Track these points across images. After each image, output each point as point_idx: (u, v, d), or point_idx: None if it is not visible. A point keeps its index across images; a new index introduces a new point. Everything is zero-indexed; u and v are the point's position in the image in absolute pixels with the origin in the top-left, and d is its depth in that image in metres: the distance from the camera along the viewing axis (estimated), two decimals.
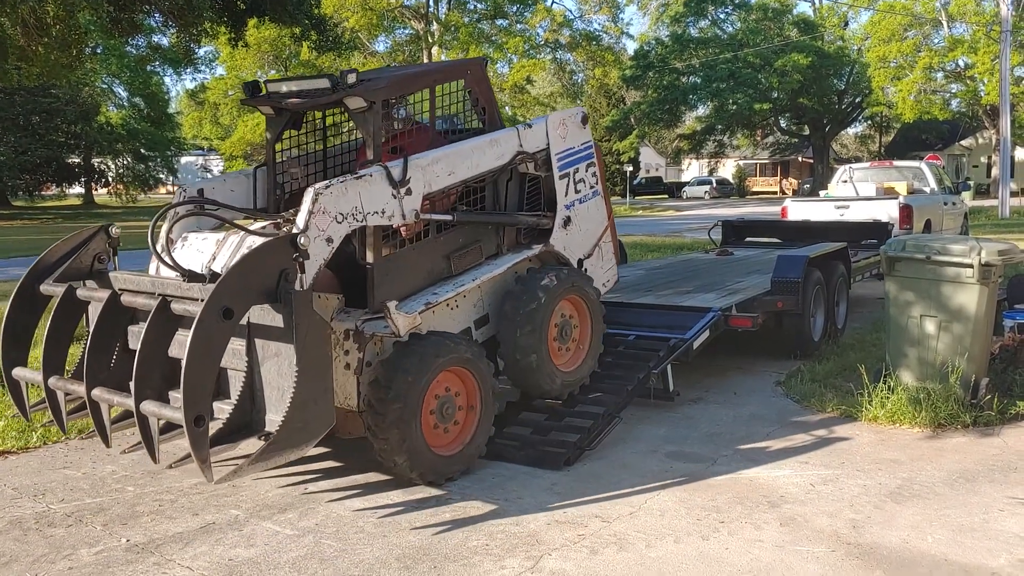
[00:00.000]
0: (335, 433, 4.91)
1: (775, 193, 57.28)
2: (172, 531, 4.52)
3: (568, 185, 6.13)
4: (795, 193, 50.94)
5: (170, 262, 4.66)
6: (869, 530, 4.39)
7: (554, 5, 44.57)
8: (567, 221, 6.11)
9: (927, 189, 16.43)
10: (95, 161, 54.78)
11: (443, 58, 42.46)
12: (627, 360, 6.46)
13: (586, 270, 6.27)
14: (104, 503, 4.94)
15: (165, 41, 36.59)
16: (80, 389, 4.66)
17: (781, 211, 15.55)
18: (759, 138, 65.11)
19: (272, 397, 4.32)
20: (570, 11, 47.04)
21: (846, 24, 55.57)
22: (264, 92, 5.63)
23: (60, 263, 5.06)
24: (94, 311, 4.89)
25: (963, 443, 5.73)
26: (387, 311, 4.77)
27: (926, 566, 3.98)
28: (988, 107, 44.97)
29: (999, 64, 33.63)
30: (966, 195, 18.99)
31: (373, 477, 5.26)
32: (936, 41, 46.54)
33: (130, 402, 4.26)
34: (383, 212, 4.89)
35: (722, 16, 55.18)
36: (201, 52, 46.80)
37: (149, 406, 4.21)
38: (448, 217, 5.39)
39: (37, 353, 5.05)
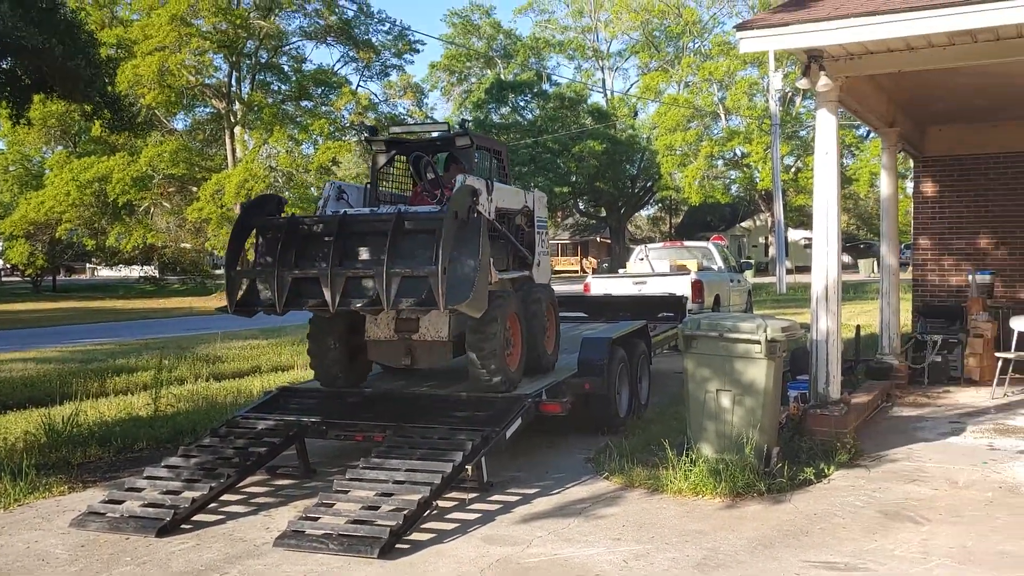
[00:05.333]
0: (416, 362, 7.68)
1: (576, 272, 59.47)
2: None
3: (538, 239, 8.70)
4: (594, 272, 53.15)
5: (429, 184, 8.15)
6: None
7: (359, 89, 45.00)
8: (538, 263, 8.67)
9: (715, 267, 17.61)
10: None
11: (246, 138, 41.63)
12: (440, 450, 6.39)
13: None
14: None
15: None
16: (314, 272, 6.67)
17: (584, 287, 16.17)
18: (559, 219, 67.74)
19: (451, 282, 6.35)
20: (375, 95, 47.40)
21: (636, 114, 59.44)
22: (382, 135, 8.46)
23: (256, 213, 7.27)
24: (318, 232, 6.99)
25: (759, 510, 6.05)
26: None
27: None
28: (763, 192, 49.03)
29: (771, 153, 36.84)
30: (748, 273, 20.51)
31: None
32: (716, 132, 50.57)
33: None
34: (483, 205, 7.21)
35: (522, 103, 57.68)
36: None
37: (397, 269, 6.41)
38: (502, 228, 7.82)
39: None
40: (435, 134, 8.67)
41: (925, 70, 8.03)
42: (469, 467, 6.32)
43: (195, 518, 6.10)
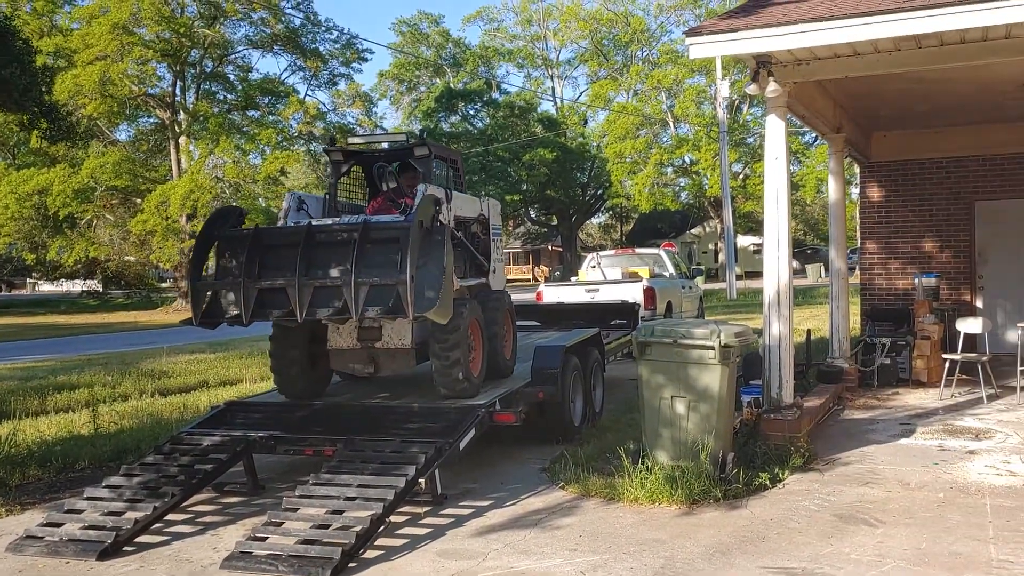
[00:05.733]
0: (380, 370, 7.64)
1: (528, 280, 59.53)
2: None
3: (494, 247, 8.78)
4: (547, 280, 53.27)
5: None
6: None
7: (307, 98, 44.57)
8: (494, 270, 8.69)
9: (666, 273, 17.70)
10: None
11: (192, 148, 40.96)
12: (393, 464, 6.26)
13: None
14: None
15: None
16: (281, 282, 6.68)
17: (536, 295, 16.12)
18: (511, 227, 67.80)
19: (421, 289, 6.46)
20: (323, 104, 46.94)
21: (585, 122, 59.74)
22: (338, 145, 8.42)
23: (219, 225, 7.21)
24: (283, 243, 6.94)
25: (716, 517, 6.02)
26: None
27: None
28: (712, 199, 49.55)
29: (719, 160, 37.23)
30: (699, 280, 20.65)
31: None
32: (665, 139, 51.02)
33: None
34: (443, 214, 7.30)
35: (472, 112, 57.66)
36: None
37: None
38: (459, 234, 7.86)
39: None
40: (387, 144, 8.70)
41: (871, 76, 8.11)
42: (423, 480, 6.20)
43: (138, 540, 5.89)
